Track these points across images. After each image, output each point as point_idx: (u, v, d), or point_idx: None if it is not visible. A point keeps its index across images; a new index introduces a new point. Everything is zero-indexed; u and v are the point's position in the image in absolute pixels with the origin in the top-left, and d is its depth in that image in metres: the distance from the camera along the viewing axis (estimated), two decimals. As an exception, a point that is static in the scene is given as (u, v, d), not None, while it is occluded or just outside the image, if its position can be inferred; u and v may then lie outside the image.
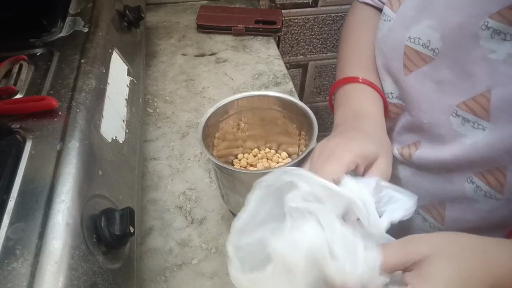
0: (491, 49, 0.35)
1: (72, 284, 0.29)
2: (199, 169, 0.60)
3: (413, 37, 0.41)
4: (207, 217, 0.54)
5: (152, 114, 0.67)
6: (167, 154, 0.62)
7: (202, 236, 0.52)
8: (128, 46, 0.60)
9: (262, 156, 0.54)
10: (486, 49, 0.35)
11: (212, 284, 0.47)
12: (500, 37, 0.34)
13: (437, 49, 0.39)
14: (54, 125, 0.39)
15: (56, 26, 0.52)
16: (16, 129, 0.38)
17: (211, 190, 0.58)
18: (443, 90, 0.40)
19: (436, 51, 0.39)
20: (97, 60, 0.48)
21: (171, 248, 0.51)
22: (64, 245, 0.30)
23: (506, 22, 0.33)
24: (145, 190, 0.57)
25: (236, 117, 0.51)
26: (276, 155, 0.54)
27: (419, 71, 0.42)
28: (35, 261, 0.29)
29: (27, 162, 0.35)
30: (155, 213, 0.55)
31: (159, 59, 0.80)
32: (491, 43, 0.35)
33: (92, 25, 0.52)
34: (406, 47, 0.42)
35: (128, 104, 0.51)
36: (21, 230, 0.30)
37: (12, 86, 0.43)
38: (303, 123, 0.49)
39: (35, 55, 0.48)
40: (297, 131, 0.50)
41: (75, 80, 0.44)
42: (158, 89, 0.73)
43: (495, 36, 0.34)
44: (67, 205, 0.32)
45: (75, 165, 0.35)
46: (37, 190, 0.33)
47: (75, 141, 0.37)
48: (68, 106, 0.41)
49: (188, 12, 0.93)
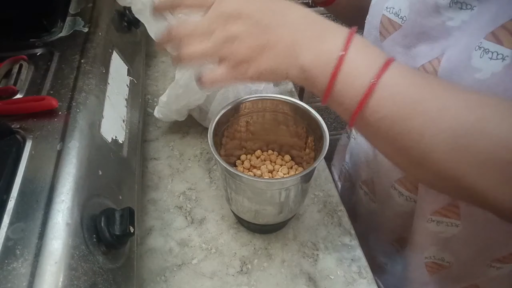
0: (449, 17, 0.38)
1: (72, 284, 0.29)
2: (199, 169, 0.60)
3: (389, 6, 0.45)
4: (207, 217, 0.54)
5: (152, 114, 0.67)
6: (167, 154, 0.62)
7: (202, 236, 0.52)
8: (128, 46, 0.60)
9: (265, 158, 0.54)
10: (445, 17, 0.39)
11: (212, 284, 0.48)
12: (457, 6, 0.38)
13: (405, 16, 0.43)
14: (54, 125, 0.39)
15: (56, 26, 0.52)
16: (16, 129, 0.38)
17: (211, 190, 0.58)
18: (408, 53, 0.43)
19: (404, 18, 0.43)
20: (97, 60, 0.48)
21: (171, 248, 0.51)
22: (64, 245, 0.30)
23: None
24: (145, 190, 0.57)
25: (245, 118, 0.51)
26: (279, 158, 0.54)
27: (390, 37, 0.45)
28: (35, 261, 0.29)
29: (27, 162, 0.36)
30: (155, 213, 0.55)
31: (159, 59, 0.80)
32: (449, 11, 0.38)
33: (92, 25, 0.52)
34: (383, 16, 0.46)
35: (128, 104, 0.51)
36: (21, 230, 0.30)
37: (12, 86, 0.43)
38: (312, 129, 0.48)
39: (35, 55, 0.48)
40: (305, 135, 0.50)
41: (75, 80, 0.44)
42: (158, 89, 0.73)
43: (453, 5, 0.38)
44: (67, 205, 0.32)
45: (75, 165, 0.35)
46: (37, 190, 0.33)
47: (75, 141, 0.37)
48: (68, 106, 0.41)
49: (188, 12, 0.93)
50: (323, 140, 0.44)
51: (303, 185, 0.46)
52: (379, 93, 0.31)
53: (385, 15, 0.45)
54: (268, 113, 0.51)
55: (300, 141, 0.51)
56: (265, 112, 0.50)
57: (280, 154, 0.55)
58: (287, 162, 0.54)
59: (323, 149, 0.44)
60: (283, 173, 0.52)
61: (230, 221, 0.54)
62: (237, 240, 0.52)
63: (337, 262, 0.50)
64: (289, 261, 0.50)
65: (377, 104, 0.32)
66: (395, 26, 0.44)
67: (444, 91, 0.31)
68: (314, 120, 0.47)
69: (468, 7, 0.37)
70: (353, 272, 0.49)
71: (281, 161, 0.54)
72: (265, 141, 0.54)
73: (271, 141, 0.54)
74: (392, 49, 0.45)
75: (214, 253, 0.51)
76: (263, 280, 0.48)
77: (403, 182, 0.50)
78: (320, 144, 0.46)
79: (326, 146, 0.44)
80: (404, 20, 0.43)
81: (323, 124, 0.46)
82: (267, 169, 0.52)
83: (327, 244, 0.52)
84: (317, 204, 0.56)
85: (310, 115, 0.47)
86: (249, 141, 0.54)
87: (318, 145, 0.47)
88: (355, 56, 0.32)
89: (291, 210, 0.48)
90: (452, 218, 0.45)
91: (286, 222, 0.53)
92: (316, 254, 0.51)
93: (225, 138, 0.50)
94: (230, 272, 0.49)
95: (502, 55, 0.33)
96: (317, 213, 0.55)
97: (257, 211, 0.47)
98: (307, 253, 0.51)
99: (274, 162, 0.54)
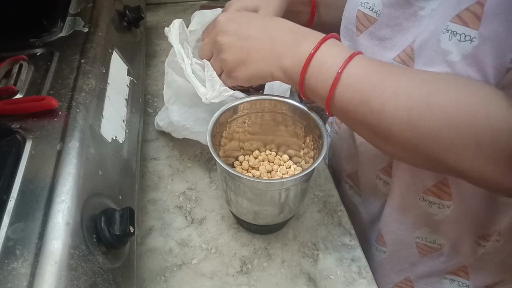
0: (420, 7, 0.41)
1: (72, 284, 0.29)
2: (199, 169, 0.60)
3: (363, 1, 0.47)
4: (207, 217, 0.54)
5: (152, 114, 0.67)
6: (167, 154, 0.62)
7: (202, 236, 0.52)
8: (128, 46, 0.60)
9: (263, 159, 0.54)
10: (416, 7, 0.41)
11: (212, 284, 0.48)
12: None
13: (379, 10, 0.45)
14: (54, 125, 0.39)
15: (56, 26, 0.52)
16: (16, 129, 0.38)
17: (211, 190, 0.58)
18: (384, 45, 0.46)
19: (379, 12, 0.45)
20: (97, 60, 0.48)
21: (171, 248, 0.51)
22: (64, 245, 0.30)
23: None
24: (145, 190, 0.57)
25: (243, 119, 0.51)
26: (277, 157, 0.54)
27: (366, 31, 0.47)
28: (35, 261, 0.29)
29: (27, 162, 0.36)
30: (155, 213, 0.55)
31: (159, 59, 0.80)
32: (420, 1, 0.41)
33: (92, 25, 0.52)
34: (358, 11, 0.47)
35: (128, 104, 0.51)
36: (21, 230, 0.30)
37: (12, 86, 0.43)
38: (310, 128, 0.48)
39: (35, 55, 0.48)
40: (303, 134, 0.50)
41: (75, 80, 0.44)
42: (158, 89, 0.73)
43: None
44: (67, 205, 0.32)
45: (75, 165, 0.35)
46: (37, 190, 0.33)
47: (75, 141, 0.37)
48: (68, 106, 0.41)
49: (188, 12, 0.93)
50: (322, 140, 0.44)
51: (302, 185, 0.46)
52: (344, 81, 0.38)
53: (360, 10, 0.47)
54: (266, 114, 0.51)
55: (298, 140, 0.52)
56: (264, 113, 0.50)
57: (278, 154, 0.55)
58: (285, 162, 0.54)
59: (323, 149, 0.44)
60: (282, 173, 0.52)
61: (230, 221, 0.54)
62: (237, 240, 0.52)
63: (337, 262, 0.50)
64: (289, 261, 0.50)
65: (343, 90, 0.38)
66: (370, 20, 0.46)
67: (399, 74, 0.37)
68: (312, 120, 0.47)
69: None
70: (353, 272, 0.49)
71: (279, 161, 0.54)
72: (263, 141, 0.54)
73: (268, 141, 0.54)
74: (370, 43, 0.47)
75: (214, 253, 0.51)
76: (263, 280, 0.48)
77: (387, 170, 0.51)
78: (319, 144, 0.46)
79: (326, 145, 0.44)
80: (379, 14, 0.45)
81: (322, 124, 0.46)
82: (265, 170, 0.52)
83: (327, 244, 0.52)
84: (317, 204, 0.56)
85: (308, 115, 0.47)
86: (247, 142, 0.54)
87: (317, 145, 0.47)
88: (324, 53, 0.39)
89: (291, 210, 0.48)
90: (444, 200, 0.46)
91: (286, 222, 0.53)
92: (316, 254, 0.51)
93: (224, 139, 0.50)
94: (230, 272, 0.49)
95: (470, 37, 0.35)
96: (317, 213, 0.55)
97: (257, 212, 0.47)
98: (307, 253, 0.51)
99: (273, 162, 0.54)
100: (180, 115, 0.55)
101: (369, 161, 0.54)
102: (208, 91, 0.49)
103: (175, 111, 0.55)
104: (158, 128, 0.63)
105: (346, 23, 0.51)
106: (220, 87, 0.49)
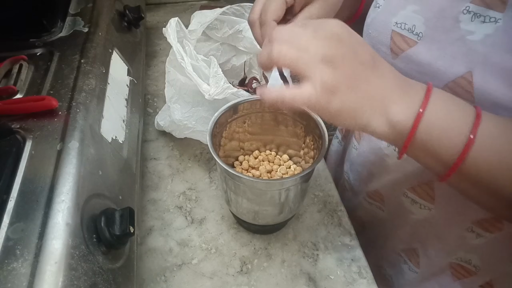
0: (469, 31, 0.37)
1: (72, 284, 0.29)
2: (199, 169, 0.60)
3: (399, 22, 0.43)
4: (207, 217, 0.54)
5: (152, 114, 0.67)
6: (167, 154, 0.62)
7: (202, 236, 0.52)
8: (128, 46, 0.60)
9: (263, 159, 0.54)
10: (465, 31, 0.37)
11: (212, 284, 0.48)
12: (479, 20, 0.36)
13: (421, 33, 0.41)
14: (54, 125, 0.39)
15: (56, 26, 0.52)
16: (16, 129, 0.38)
17: (211, 190, 0.58)
18: (425, 72, 0.41)
19: (420, 35, 0.41)
20: (97, 60, 0.48)
21: (171, 248, 0.51)
22: (64, 245, 0.30)
23: (484, 5, 0.36)
24: (145, 190, 0.57)
25: (243, 119, 0.51)
26: (277, 157, 0.54)
27: (403, 55, 0.43)
28: (35, 261, 0.29)
29: (27, 162, 0.36)
30: (155, 213, 0.55)
31: (159, 59, 0.80)
32: (470, 25, 0.37)
33: (92, 25, 0.52)
34: (393, 32, 0.43)
35: (128, 104, 0.51)
36: (21, 230, 0.30)
37: (12, 86, 0.43)
38: (311, 128, 0.48)
39: (35, 55, 0.48)
40: (303, 134, 0.50)
41: (75, 80, 0.44)
42: (158, 89, 0.73)
43: (475, 19, 0.36)
44: (67, 205, 0.32)
45: (75, 165, 0.35)
46: (37, 190, 0.33)
47: (75, 141, 0.37)
48: (68, 106, 0.41)
49: (188, 12, 0.93)
50: (323, 140, 0.44)
51: (302, 185, 0.46)
52: (478, 146, 0.31)
53: (396, 31, 0.43)
54: (266, 114, 0.51)
55: (298, 140, 0.52)
56: (264, 113, 0.50)
57: (278, 154, 0.55)
58: (285, 161, 0.54)
59: (323, 149, 0.44)
60: (282, 173, 0.52)
61: (230, 221, 0.54)
62: (237, 240, 0.52)
63: (337, 262, 0.50)
64: (289, 261, 0.50)
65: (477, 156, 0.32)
66: (409, 43, 0.42)
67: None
68: (312, 120, 0.47)
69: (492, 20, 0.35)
70: (353, 272, 0.49)
71: (279, 161, 0.54)
72: (262, 141, 0.54)
73: (268, 141, 0.54)
74: (407, 67, 0.43)
75: (214, 253, 0.51)
76: (263, 280, 0.48)
77: (416, 189, 0.49)
78: (319, 144, 0.46)
79: (326, 145, 0.44)
80: (420, 37, 0.41)
81: (322, 124, 0.46)
82: (265, 169, 0.52)
83: (327, 244, 0.52)
84: (317, 204, 0.56)
85: (308, 115, 0.47)
86: (247, 142, 0.54)
87: (317, 145, 0.47)
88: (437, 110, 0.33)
89: (291, 210, 0.48)
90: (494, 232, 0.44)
91: (286, 222, 0.53)
92: (316, 254, 0.51)
93: (224, 139, 0.50)
94: (230, 272, 0.49)
95: None
96: (317, 213, 0.55)
97: (257, 212, 0.47)
98: (307, 253, 0.51)
99: (272, 162, 0.54)
100: (182, 114, 0.55)
101: (395, 180, 0.51)
102: (211, 87, 0.49)
103: (177, 110, 0.55)
104: (159, 128, 0.63)
105: (374, 43, 0.46)
106: (224, 84, 0.49)
